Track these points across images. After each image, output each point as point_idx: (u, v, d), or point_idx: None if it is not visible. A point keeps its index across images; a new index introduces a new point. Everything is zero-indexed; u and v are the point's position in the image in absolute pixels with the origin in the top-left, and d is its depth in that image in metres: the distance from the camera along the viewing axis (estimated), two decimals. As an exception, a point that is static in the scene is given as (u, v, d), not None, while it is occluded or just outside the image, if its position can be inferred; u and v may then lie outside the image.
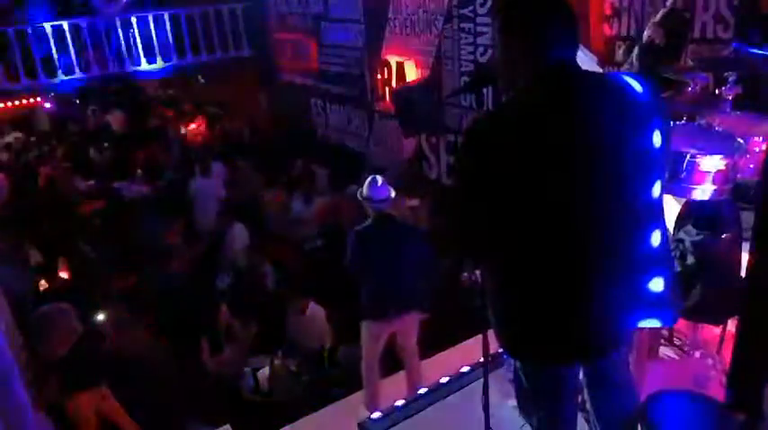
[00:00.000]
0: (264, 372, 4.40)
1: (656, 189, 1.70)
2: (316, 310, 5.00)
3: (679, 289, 1.85)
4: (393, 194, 3.82)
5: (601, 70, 3.77)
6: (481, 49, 6.13)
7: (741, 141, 2.61)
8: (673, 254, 2.59)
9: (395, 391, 3.75)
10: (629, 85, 1.60)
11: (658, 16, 3.68)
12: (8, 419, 2.42)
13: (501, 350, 2.19)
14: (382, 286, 3.77)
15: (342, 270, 4.03)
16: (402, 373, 4.10)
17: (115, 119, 12.29)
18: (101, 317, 4.02)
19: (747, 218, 2.59)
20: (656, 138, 1.59)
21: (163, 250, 5.92)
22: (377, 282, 3.78)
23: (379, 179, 3.82)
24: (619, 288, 1.63)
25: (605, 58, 4.75)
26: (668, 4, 3.70)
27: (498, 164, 1.53)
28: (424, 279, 3.88)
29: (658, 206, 1.72)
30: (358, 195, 3.85)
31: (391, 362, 4.17)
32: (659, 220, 1.70)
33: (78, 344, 3.34)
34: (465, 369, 3.34)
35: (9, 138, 11.51)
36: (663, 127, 1.62)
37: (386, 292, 3.76)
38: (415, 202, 6.36)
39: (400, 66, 7.42)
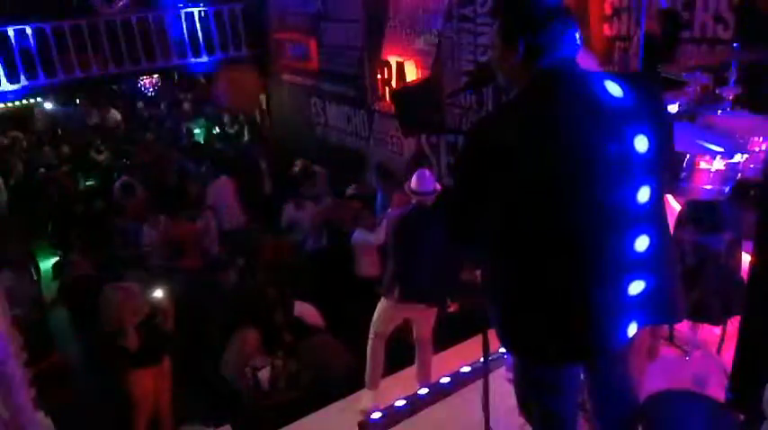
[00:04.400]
0: (264, 372, 4.40)
1: (661, 188, 1.68)
2: (303, 308, 4.99)
3: (681, 288, 1.85)
4: (438, 189, 3.87)
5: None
6: (481, 49, 6.13)
7: (741, 141, 2.61)
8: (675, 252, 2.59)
9: (396, 390, 3.75)
10: (608, 88, 1.58)
11: (654, 10, 3.72)
12: (8, 421, 2.42)
13: (501, 350, 2.19)
14: (406, 269, 3.82)
15: (341, 270, 4.05)
16: (403, 372, 4.10)
17: (113, 119, 12.29)
18: (159, 293, 3.99)
19: (747, 218, 2.59)
20: (639, 144, 1.57)
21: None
22: (402, 265, 3.84)
23: (427, 173, 3.88)
24: (618, 288, 1.63)
25: (605, 59, 4.75)
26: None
27: (497, 165, 1.54)
28: (449, 275, 3.90)
29: (662, 205, 1.71)
30: (405, 187, 3.94)
31: (394, 359, 4.17)
32: (654, 223, 1.68)
33: (144, 322, 3.37)
34: (465, 369, 3.34)
35: (8, 140, 11.51)
36: (651, 131, 1.59)
37: (408, 276, 3.80)
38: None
39: (400, 66, 7.41)
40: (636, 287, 1.65)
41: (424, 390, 3.28)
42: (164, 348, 3.60)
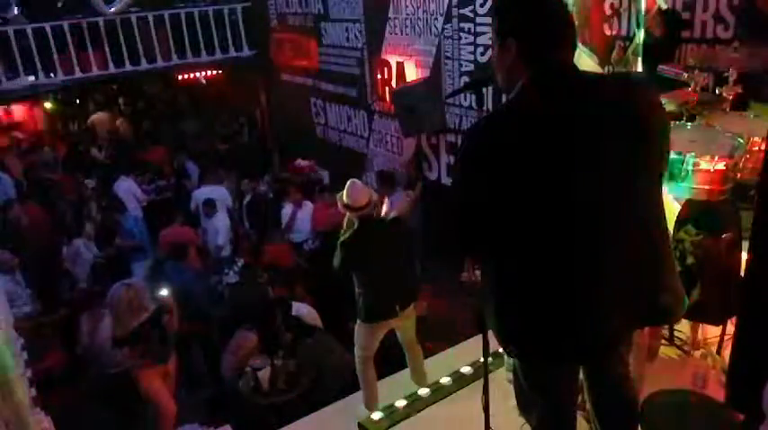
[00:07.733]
0: (264, 372, 4.40)
1: (659, 190, 1.70)
2: (301, 309, 4.99)
3: (680, 289, 1.84)
4: (374, 198, 3.79)
5: (601, 70, 3.78)
6: (481, 49, 6.13)
7: (741, 141, 2.61)
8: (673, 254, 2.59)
9: (395, 391, 3.75)
10: (605, 89, 1.60)
11: (654, 10, 3.73)
12: (8, 419, 2.42)
13: (501, 350, 2.18)
14: (382, 287, 3.76)
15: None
16: (401, 373, 4.10)
17: (99, 121, 12.21)
18: (164, 292, 4.00)
19: (747, 218, 2.59)
20: (636, 145, 1.58)
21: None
22: (375, 285, 3.76)
23: (359, 184, 3.77)
24: (619, 288, 1.63)
25: (605, 58, 4.74)
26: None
27: (497, 166, 1.53)
28: (413, 269, 3.90)
29: (660, 207, 1.72)
30: (338, 203, 3.79)
31: (390, 362, 4.17)
32: (661, 221, 1.70)
33: (149, 321, 3.39)
34: (465, 369, 3.35)
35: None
36: (649, 132, 1.61)
37: (387, 293, 3.76)
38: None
39: (400, 66, 7.41)
40: (634, 288, 1.65)
41: (424, 390, 3.28)
42: (170, 347, 3.61)
